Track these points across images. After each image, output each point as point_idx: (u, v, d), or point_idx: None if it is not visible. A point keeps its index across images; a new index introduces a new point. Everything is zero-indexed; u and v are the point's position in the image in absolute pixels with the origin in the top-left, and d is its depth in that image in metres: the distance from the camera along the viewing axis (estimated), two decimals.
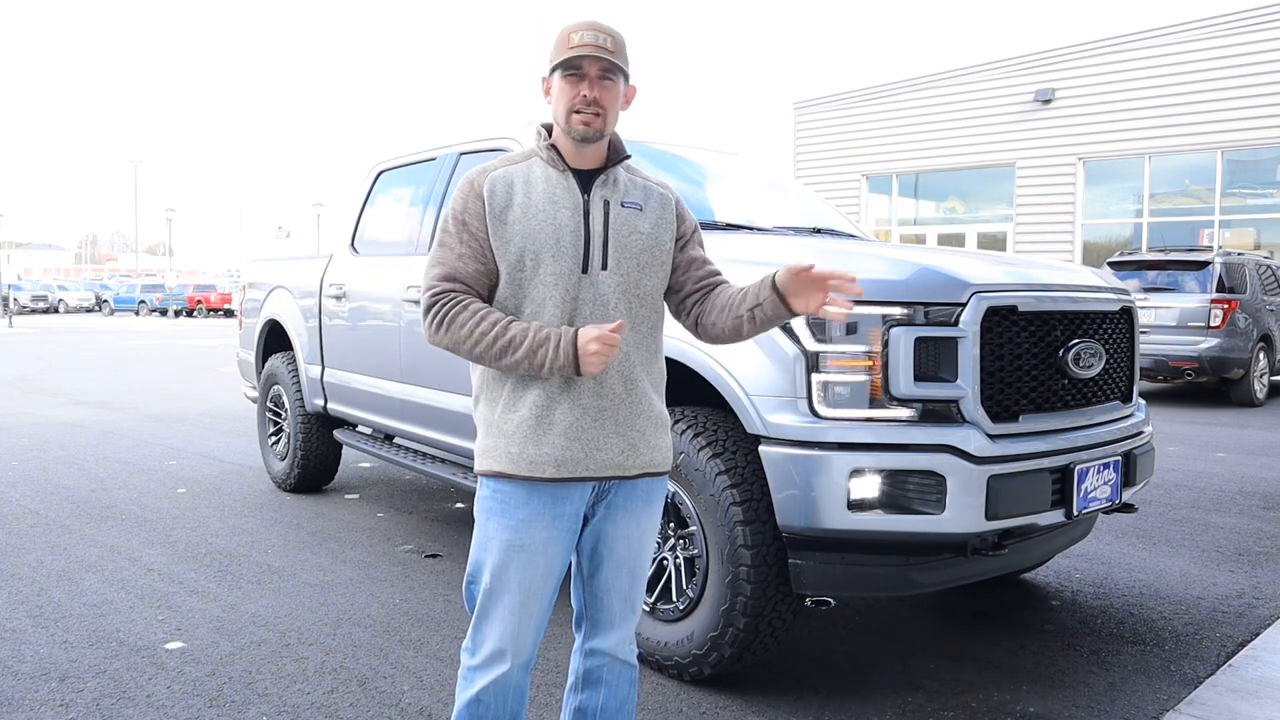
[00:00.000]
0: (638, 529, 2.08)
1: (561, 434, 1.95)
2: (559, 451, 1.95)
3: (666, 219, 2.09)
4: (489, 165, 2.03)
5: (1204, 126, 17.04)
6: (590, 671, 2.14)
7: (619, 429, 1.98)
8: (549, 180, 2.00)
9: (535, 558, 1.98)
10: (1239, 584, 4.27)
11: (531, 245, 1.94)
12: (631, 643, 2.15)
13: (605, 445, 1.97)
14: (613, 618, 2.11)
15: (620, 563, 2.08)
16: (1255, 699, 3.07)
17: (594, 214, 1.99)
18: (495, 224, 1.95)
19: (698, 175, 4.72)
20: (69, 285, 51.83)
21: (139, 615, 3.76)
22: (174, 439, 8.05)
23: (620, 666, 2.14)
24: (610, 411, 1.98)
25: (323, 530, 5.11)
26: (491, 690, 2.01)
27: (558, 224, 1.95)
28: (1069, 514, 3.01)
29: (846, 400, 2.80)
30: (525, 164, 2.03)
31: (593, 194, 2.00)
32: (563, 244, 1.95)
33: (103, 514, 5.40)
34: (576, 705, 2.17)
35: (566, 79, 1.96)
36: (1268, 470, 6.99)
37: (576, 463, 1.95)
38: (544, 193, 1.98)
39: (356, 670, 3.25)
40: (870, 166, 21.83)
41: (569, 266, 1.95)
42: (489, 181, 1.98)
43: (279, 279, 6.15)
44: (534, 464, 1.95)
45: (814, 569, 2.89)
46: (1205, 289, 11.01)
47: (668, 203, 2.11)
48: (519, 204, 1.96)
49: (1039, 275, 3.23)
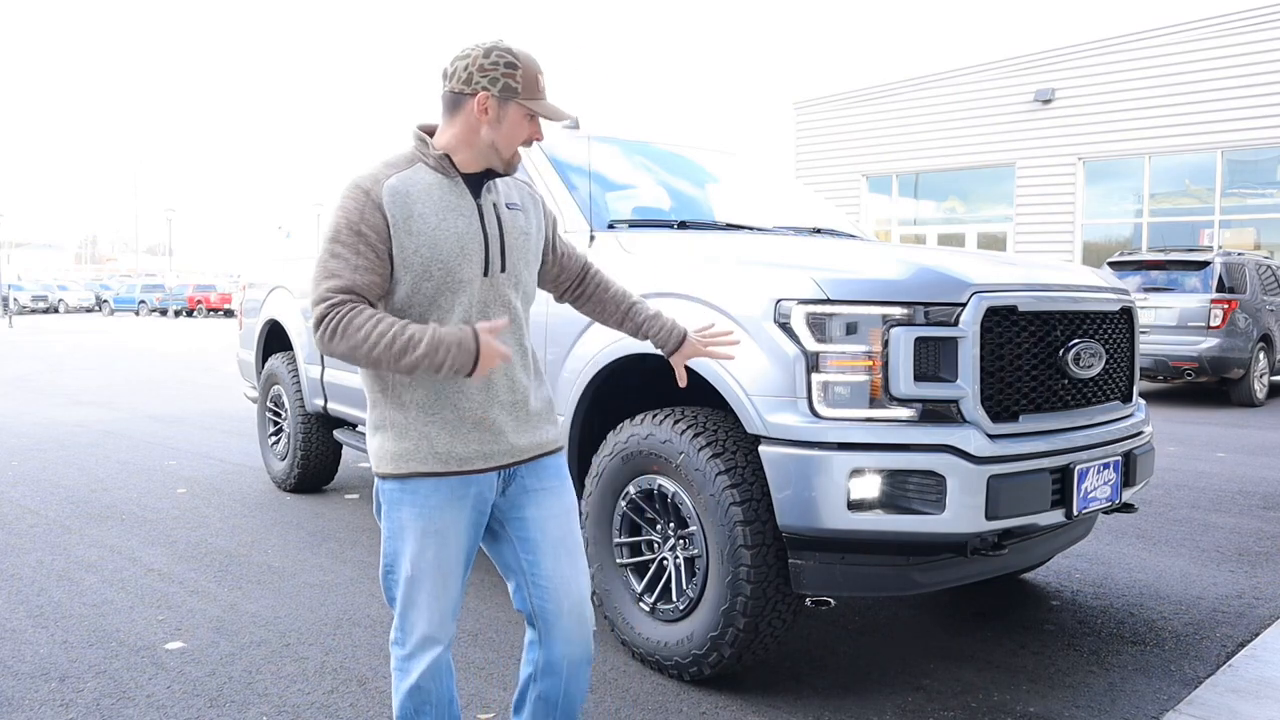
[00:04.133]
0: (561, 505, 2.17)
1: (486, 430, 2.05)
2: (484, 445, 2.05)
3: (539, 217, 2.21)
4: (377, 173, 1.99)
5: (1204, 126, 17.04)
6: (551, 662, 2.17)
7: (528, 416, 2.12)
8: (442, 187, 2.01)
9: (449, 540, 2.05)
10: (1239, 584, 4.27)
11: (439, 254, 1.97)
12: (587, 620, 2.17)
13: (518, 433, 2.09)
14: (560, 609, 2.13)
15: (557, 543, 2.14)
16: (1255, 699, 3.07)
17: (488, 218, 2.05)
18: (399, 234, 1.94)
19: (697, 175, 4.72)
20: (69, 285, 51.82)
21: (139, 615, 3.76)
22: (174, 439, 8.05)
23: (579, 651, 2.17)
24: (519, 403, 2.10)
25: (323, 530, 5.11)
26: (429, 675, 2.07)
27: (459, 231, 1.99)
28: (1069, 514, 3.01)
29: (846, 400, 2.80)
30: (410, 170, 2.01)
31: (483, 199, 2.06)
32: (467, 250, 2.00)
33: (103, 514, 5.41)
34: (539, 694, 2.21)
35: (527, 118, 2.02)
36: (1268, 470, 6.99)
37: (500, 454, 2.07)
38: (440, 200, 2.00)
39: (356, 670, 3.25)
40: (870, 166, 21.83)
41: (472, 271, 2.01)
42: (387, 192, 1.95)
43: (279, 279, 6.15)
44: (463, 460, 2.03)
45: (814, 569, 2.89)
46: (1205, 289, 11.01)
47: (538, 201, 2.23)
48: (419, 214, 1.96)
49: (1039, 275, 3.23)
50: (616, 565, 3.35)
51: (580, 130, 4.35)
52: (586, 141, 4.14)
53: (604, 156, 4.24)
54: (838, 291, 2.83)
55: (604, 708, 2.99)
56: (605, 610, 3.38)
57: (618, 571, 3.34)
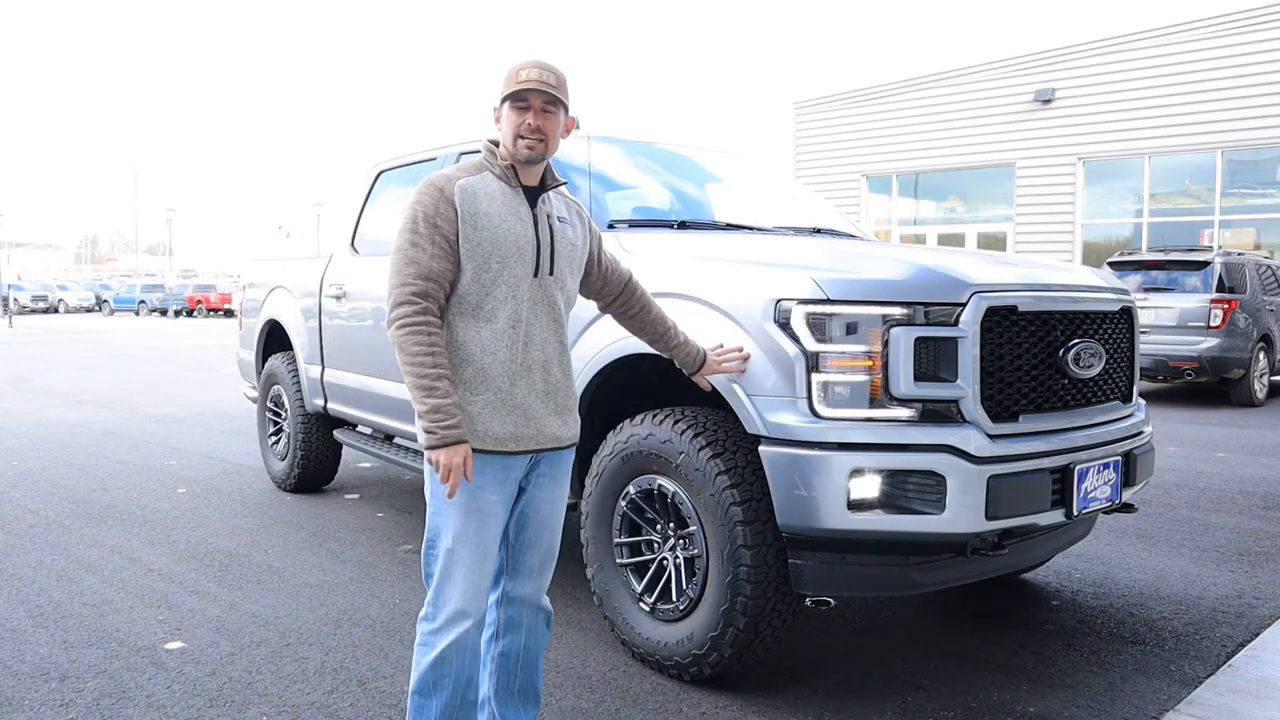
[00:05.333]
0: (558, 492, 2.43)
1: (522, 414, 2.26)
2: (518, 428, 2.26)
3: (583, 232, 2.46)
4: (451, 174, 2.28)
5: (1204, 126, 17.03)
6: (511, 618, 2.44)
7: (558, 408, 2.34)
8: (504, 194, 2.28)
9: (488, 519, 2.26)
10: (1239, 584, 4.27)
11: (497, 250, 2.22)
12: (544, 590, 2.48)
13: (549, 422, 2.31)
14: (531, 569, 2.43)
15: (543, 523, 2.41)
16: (1255, 699, 3.07)
17: (541, 226, 2.30)
18: (466, 229, 2.21)
19: (698, 175, 4.72)
20: (69, 285, 51.80)
21: (139, 615, 3.76)
22: (174, 439, 8.05)
23: (536, 611, 2.46)
24: (553, 394, 2.32)
25: (323, 530, 5.11)
26: (454, 649, 2.25)
27: (517, 233, 2.25)
28: (1069, 514, 3.01)
29: (846, 400, 2.80)
30: (480, 176, 2.28)
31: (538, 209, 2.31)
32: (522, 251, 2.25)
33: (103, 514, 5.41)
34: (500, 651, 2.46)
35: (514, 109, 2.25)
36: (1268, 470, 6.99)
37: (530, 438, 2.28)
38: (503, 205, 2.26)
39: (356, 670, 3.25)
40: (870, 166, 21.83)
41: (525, 270, 2.26)
42: (459, 190, 2.23)
43: (279, 279, 6.15)
44: (499, 440, 2.24)
45: (814, 569, 2.89)
46: (1205, 289, 11.01)
47: (585, 218, 2.50)
48: (484, 212, 2.23)
49: (1039, 275, 3.23)
50: (616, 565, 3.34)
51: (580, 130, 4.34)
52: (586, 141, 4.14)
53: (604, 156, 4.24)
54: (838, 291, 2.83)
55: (604, 708, 2.99)
56: (605, 610, 3.38)
57: (618, 571, 3.34)
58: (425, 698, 2.28)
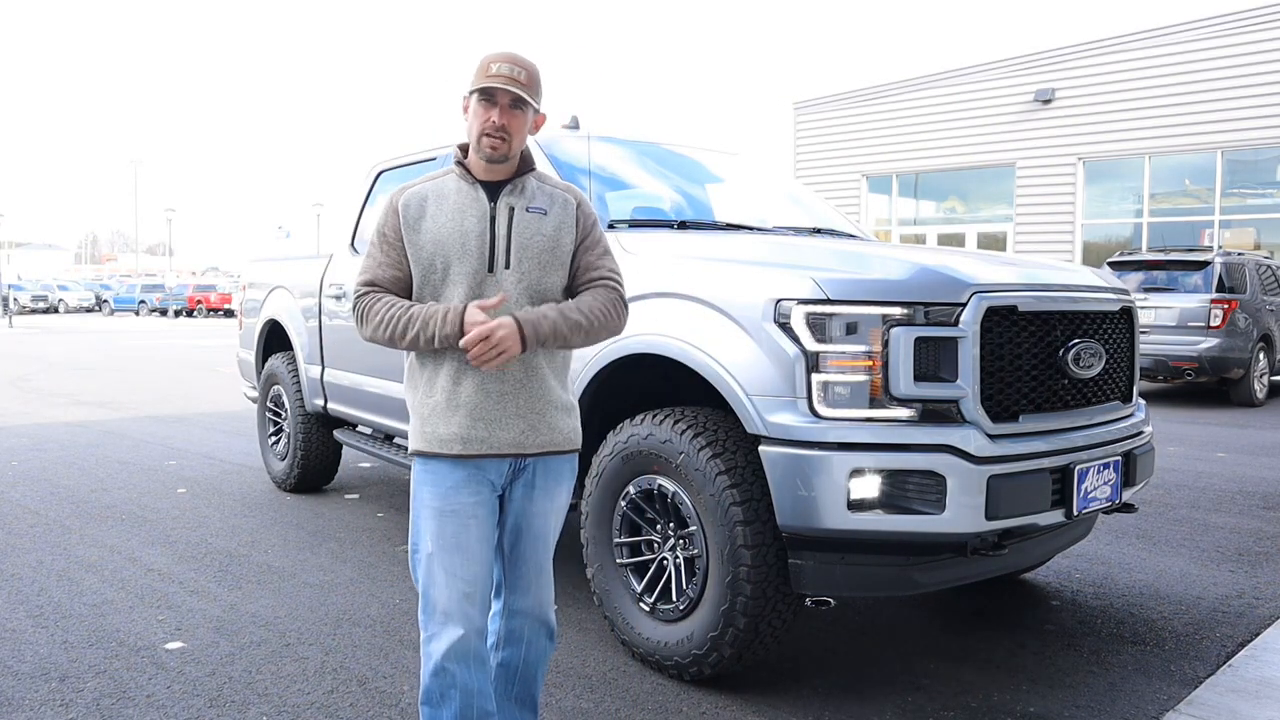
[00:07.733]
0: (552, 505, 2.35)
1: (466, 415, 2.19)
2: (464, 430, 2.19)
3: (567, 222, 2.31)
4: (409, 184, 2.31)
5: (1204, 126, 17.03)
6: (513, 631, 2.40)
7: (519, 411, 2.22)
8: (460, 192, 2.26)
9: (467, 521, 2.21)
10: (1239, 584, 4.27)
11: (441, 250, 2.21)
12: (549, 604, 2.41)
13: (506, 425, 2.21)
14: (528, 583, 2.37)
15: (536, 536, 2.34)
16: (1255, 699, 3.07)
17: (499, 219, 2.24)
18: (409, 234, 2.23)
19: (699, 175, 4.72)
20: (69, 285, 51.80)
21: (139, 615, 3.76)
22: (174, 439, 8.05)
23: (538, 624, 2.41)
24: (511, 395, 2.22)
25: (323, 530, 5.11)
26: (453, 657, 2.19)
27: (464, 230, 2.21)
28: (1069, 514, 3.01)
29: (846, 400, 2.80)
30: (441, 179, 2.30)
31: (499, 202, 2.25)
32: (468, 247, 2.21)
33: (103, 514, 5.41)
34: (500, 661, 2.42)
35: (481, 103, 2.21)
36: (1268, 470, 6.99)
37: (480, 441, 2.20)
38: (454, 204, 2.25)
39: (356, 670, 3.25)
40: (870, 166, 21.83)
41: (474, 266, 2.21)
42: (404, 198, 2.26)
43: (279, 279, 6.15)
44: (444, 442, 2.20)
45: (814, 569, 2.89)
46: (1205, 289, 11.01)
47: (570, 207, 2.34)
48: (430, 215, 2.24)
49: (1039, 275, 3.23)
50: (616, 565, 3.34)
51: (580, 130, 4.35)
52: (586, 141, 4.14)
53: (604, 156, 4.24)
54: (838, 291, 2.83)
55: (604, 708, 2.99)
56: (605, 610, 3.38)
57: (618, 571, 3.34)
58: (434, 709, 2.24)
